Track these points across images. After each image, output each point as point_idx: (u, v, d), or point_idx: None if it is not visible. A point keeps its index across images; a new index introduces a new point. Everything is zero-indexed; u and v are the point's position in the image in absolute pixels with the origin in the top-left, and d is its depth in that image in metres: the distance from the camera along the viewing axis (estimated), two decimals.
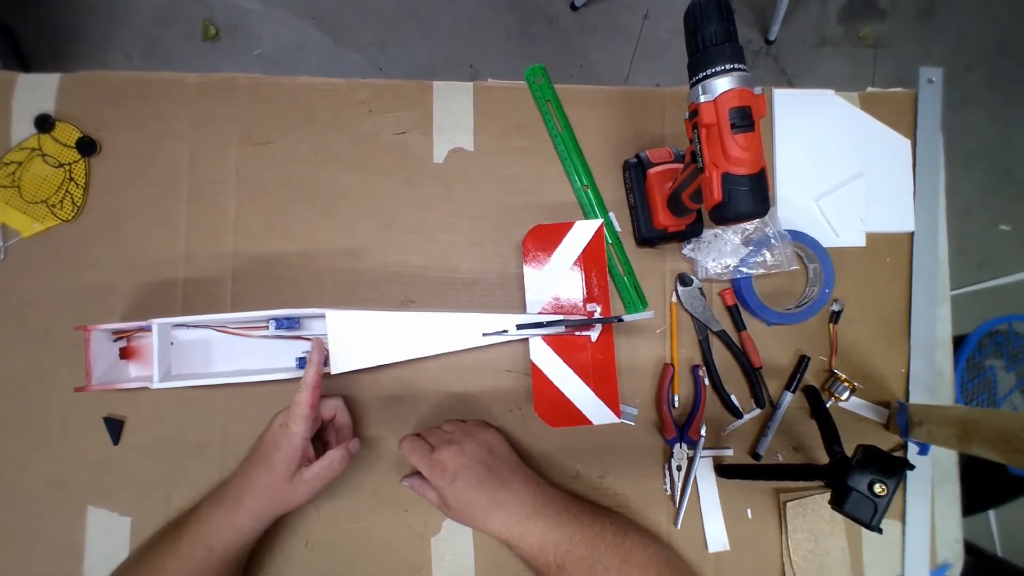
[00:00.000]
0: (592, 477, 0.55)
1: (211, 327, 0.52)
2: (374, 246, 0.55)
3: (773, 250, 0.54)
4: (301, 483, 0.45)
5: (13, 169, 0.53)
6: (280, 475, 0.45)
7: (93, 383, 0.48)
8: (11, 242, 0.53)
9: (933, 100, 0.60)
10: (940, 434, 0.49)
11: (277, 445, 0.45)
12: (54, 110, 0.54)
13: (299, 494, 0.46)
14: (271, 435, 0.46)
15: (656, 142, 0.57)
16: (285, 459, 0.45)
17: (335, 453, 0.47)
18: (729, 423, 0.56)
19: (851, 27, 1.60)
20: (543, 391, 0.52)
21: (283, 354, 0.52)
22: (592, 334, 0.52)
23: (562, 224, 0.53)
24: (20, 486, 0.51)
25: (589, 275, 0.53)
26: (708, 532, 0.54)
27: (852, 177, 0.58)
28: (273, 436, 0.45)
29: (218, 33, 1.41)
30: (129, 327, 0.50)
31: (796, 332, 0.57)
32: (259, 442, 0.47)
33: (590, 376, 0.52)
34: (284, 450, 0.45)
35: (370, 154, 0.56)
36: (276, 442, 0.45)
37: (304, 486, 0.45)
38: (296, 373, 0.49)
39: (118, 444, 0.52)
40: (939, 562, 0.56)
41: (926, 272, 0.58)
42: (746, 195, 0.39)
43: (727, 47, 0.38)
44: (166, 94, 0.55)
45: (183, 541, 0.45)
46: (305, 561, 0.52)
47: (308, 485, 0.46)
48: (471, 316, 0.51)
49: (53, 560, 0.51)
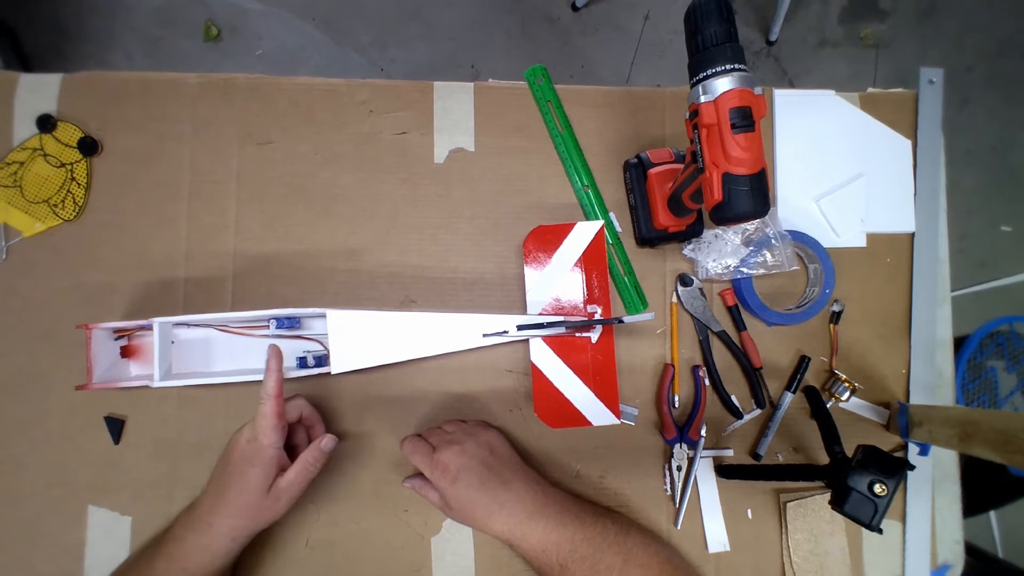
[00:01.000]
0: (592, 477, 0.55)
1: (212, 326, 0.52)
2: (374, 246, 0.55)
3: (773, 250, 0.54)
4: (279, 493, 0.44)
5: (15, 169, 0.53)
6: (257, 491, 0.43)
7: (94, 381, 0.48)
8: (13, 242, 0.53)
9: (934, 100, 0.60)
10: (940, 435, 0.49)
11: (250, 461, 0.43)
12: (56, 110, 0.54)
13: (279, 505, 0.45)
14: (239, 452, 0.44)
15: (656, 142, 0.57)
16: (261, 474, 0.43)
17: (307, 455, 0.45)
18: (729, 423, 0.56)
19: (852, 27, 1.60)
20: (543, 392, 0.52)
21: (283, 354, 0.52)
22: (592, 335, 0.52)
23: (563, 225, 0.53)
24: (21, 485, 0.51)
25: (590, 276, 0.53)
26: (708, 532, 0.54)
27: (852, 177, 0.58)
28: (242, 453, 0.44)
29: (219, 34, 1.41)
30: (130, 326, 0.50)
31: (796, 332, 0.57)
32: (225, 461, 0.45)
33: (590, 377, 0.52)
34: (258, 465, 0.43)
35: (370, 154, 0.56)
36: (248, 458, 0.43)
37: (283, 495, 0.44)
38: (296, 372, 0.49)
39: (119, 443, 0.52)
40: (939, 563, 0.56)
41: (926, 272, 0.58)
42: (746, 195, 0.39)
43: (727, 47, 0.38)
44: (167, 94, 0.55)
45: (157, 565, 0.44)
46: (305, 561, 0.52)
47: (287, 494, 0.45)
48: (471, 316, 0.51)
49: (54, 559, 0.51)
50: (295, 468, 0.45)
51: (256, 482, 0.43)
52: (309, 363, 0.51)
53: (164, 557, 0.44)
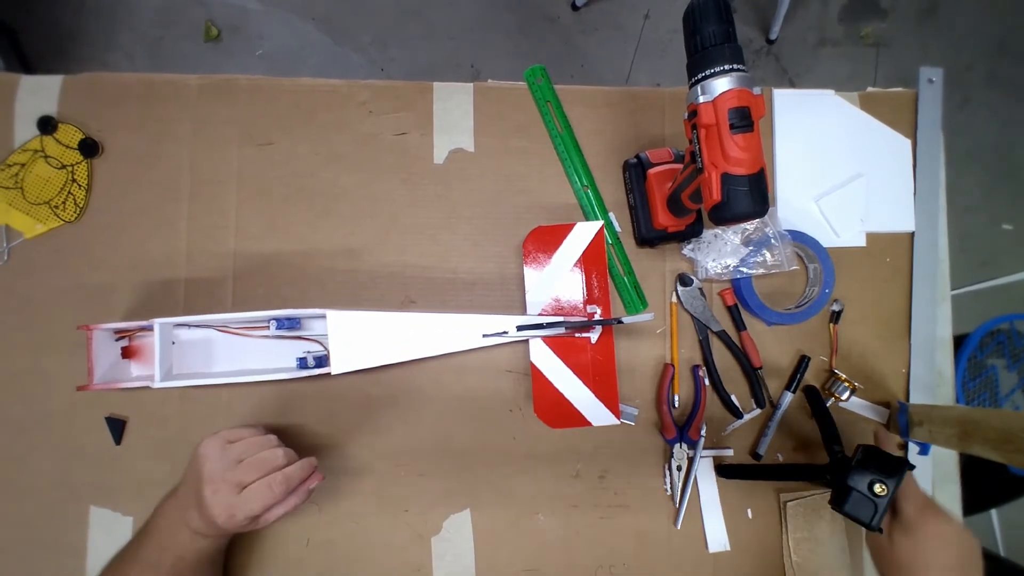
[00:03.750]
0: (592, 477, 0.55)
1: (212, 327, 0.52)
2: (374, 246, 0.55)
3: (773, 250, 0.54)
4: (265, 523, 0.43)
5: (16, 171, 0.53)
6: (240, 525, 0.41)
7: (95, 382, 0.48)
8: (14, 243, 0.53)
9: (933, 100, 0.60)
10: (940, 434, 0.49)
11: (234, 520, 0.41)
12: (56, 112, 0.54)
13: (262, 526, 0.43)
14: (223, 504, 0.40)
15: (656, 142, 0.57)
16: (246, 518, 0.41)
17: (296, 499, 0.43)
18: (729, 423, 0.56)
19: (852, 27, 1.60)
20: (543, 392, 0.52)
21: (284, 354, 0.52)
22: (592, 336, 0.52)
23: (563, 225, 0.53)
24: (23, 486, 0.51)
25: (589, 277, 0.53)
26: (708, 532, 0.54)
27: (852, 177, 0.58)
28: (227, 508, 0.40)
29: (219, 34, 1.42)
30: (131, 326, 0.50)
31: (796, 332, 0.57)
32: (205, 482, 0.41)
33: (590, 378, 0.52)
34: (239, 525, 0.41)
35: (370, 154, 0.56)
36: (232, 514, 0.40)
37: (265, 523, 0.43)
38: (296, 373, 0.49)
39: (120, 444, 0.52)
40: None
41: (926, 272, 0.58)
42: (745, 195, 0.39)
43: (726, 48, 0.38)
44: (168, 95, 0.55)
45: (149, 555, 0.42)
46: (305, 561, 0.52)
47: (268, 521, 0.43)
48: (471, 317, 0.51)
49: (56, 559, 0.51)
50: (282, 507, 0.43)
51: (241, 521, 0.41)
52: (309, 363, 0.51)
53: (169, 551, 0.43)
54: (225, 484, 0.41)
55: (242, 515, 0.40)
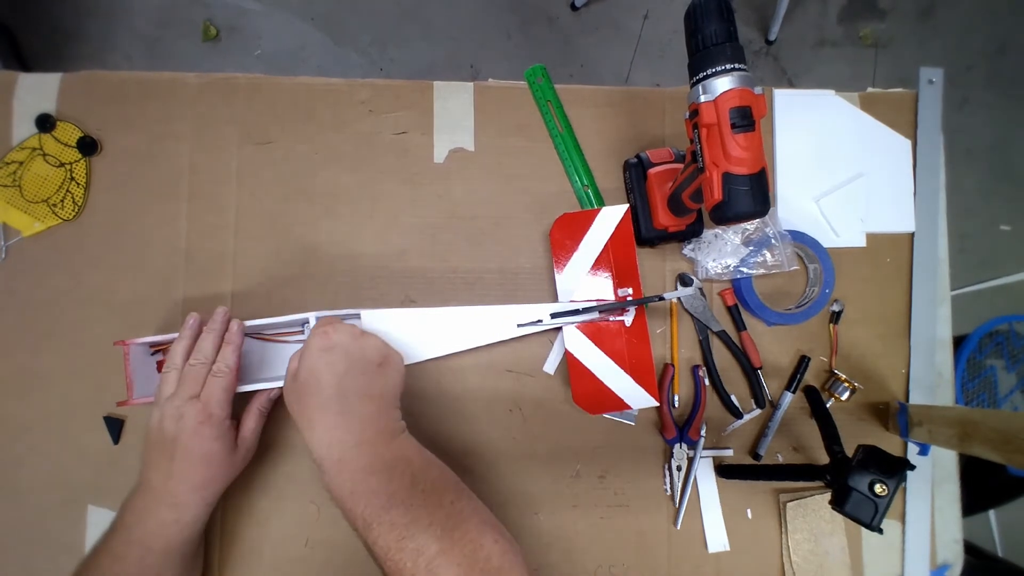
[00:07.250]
0: (592, 477, 0.55)
1: (248, 334, 0.50)
2: (374, 246, 0.55)
3: (773, 250, 0.54)
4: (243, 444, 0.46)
5: (14, 169, 0.53)
6: (223, 459, 0.44)
7: (134, 397, 0.47)
8: (12, 241, 0.53)
9: (933, 100, 0.60)
10: (940, 434, 0.49)
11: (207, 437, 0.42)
12: (55, 110, 0.54)
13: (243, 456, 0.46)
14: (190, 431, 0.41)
15: (656, 142, 0.57)
16: (222, 444, 0.43)
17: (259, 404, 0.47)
18: (729, 423, 0.56)
19: (851, 27, 1.60)
20: (581, 380, 0.52)
21: None
22: (626, 319, 0.52)
23: (588, 212, 0.53)
24: (21, 485, 0.51)
25: (618, 260, 0.53)
26: (708, 532, 0.54)
27: (852, 177, 0.58)
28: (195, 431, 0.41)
29: (218, 34, 1.41)
30: (166, 340, 0.48)
31: (796, 332, 0.57)
32: (169, 444, 0.42)
33: (626, 362, 0.52)
34: (218, 438, 0.43)
35: (370, 154, 0.56)
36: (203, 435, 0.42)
37: (245, 445, 0.46)
38: None
39: (118, 443, 0.52)
40: (939, 562, 0.56)
41: (926, 272, 0.58)
42: (746, 195, 0.39)
43: (727, 47, 0.38)
44: (167, 94, 0.55)
45: (128, 552, 0.41)
46: (305, 561, 0.52)
47: (248, 443, 0.46)
48: (504, 308, 0.51)
49: (54, 559, 0.51)
50: (252, 417, 0.46)
51: (221, 452, 0.43)
52: None
53: (135, 544, 0.41)
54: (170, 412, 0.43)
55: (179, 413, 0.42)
